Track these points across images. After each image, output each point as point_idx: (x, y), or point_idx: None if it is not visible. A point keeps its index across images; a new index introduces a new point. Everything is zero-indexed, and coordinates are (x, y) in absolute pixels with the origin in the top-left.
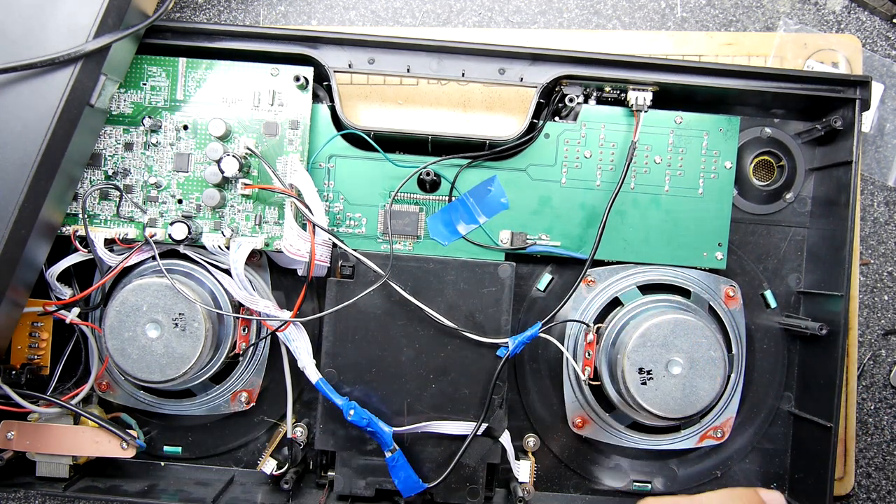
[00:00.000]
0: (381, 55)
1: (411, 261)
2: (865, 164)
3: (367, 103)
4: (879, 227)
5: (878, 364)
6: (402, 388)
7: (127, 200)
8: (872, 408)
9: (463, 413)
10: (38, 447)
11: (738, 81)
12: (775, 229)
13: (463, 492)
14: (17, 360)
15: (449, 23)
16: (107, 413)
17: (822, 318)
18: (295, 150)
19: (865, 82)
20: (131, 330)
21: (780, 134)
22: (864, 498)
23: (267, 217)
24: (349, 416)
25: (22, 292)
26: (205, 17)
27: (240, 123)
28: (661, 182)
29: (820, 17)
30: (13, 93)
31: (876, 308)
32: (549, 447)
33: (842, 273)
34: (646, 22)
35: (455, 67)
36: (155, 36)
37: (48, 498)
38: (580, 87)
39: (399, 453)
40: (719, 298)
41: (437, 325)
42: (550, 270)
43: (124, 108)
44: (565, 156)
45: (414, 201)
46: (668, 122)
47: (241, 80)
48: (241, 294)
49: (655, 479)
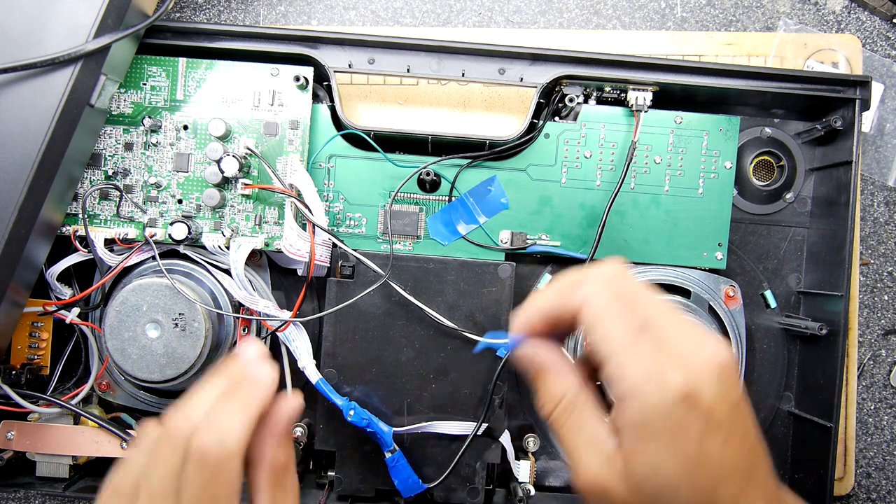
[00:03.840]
0: (381, 55)
1: (411, 261)
2: (865, 164)
3: (367, 103)
4: (879, 227)
5: (878, 364)
6: (402, 388)
7: (127, 200)
8: (872, 408)
9: (463, 413)
10: (38, 447)
11: (738, 81)
12: (775, 229)
13: (463, 492)
14: (17, 360)
15: (449, 23)
16: (107, 413)
17: (822, 318)
18: (295, 150)
19: (865, 82)
20: (131, 330)
21: (780, 134)
22: (864, 498)
23: (267, 217)
24: (349, 416)
25: (22, 292)
26: (205, 17)
27: (240, 123)
28: (661, 182)
29: (820, 17)
30: (13, 93)
31: (876, 308)
32: (550, 447)
33: (842, 273)
34: (646, 22)
35: (455, 67)
36: (155, 36)
37: (48, 498)
38: (580, 87)
39: (399, 453)
40: (719, 298)
41: (437, 325)
42: (550, 270)
43: (124, 108)
44: (565, 156)
45: (414, 201)
46: (668, 122)
47: (241, 80)
48: (241, 294)
49: None
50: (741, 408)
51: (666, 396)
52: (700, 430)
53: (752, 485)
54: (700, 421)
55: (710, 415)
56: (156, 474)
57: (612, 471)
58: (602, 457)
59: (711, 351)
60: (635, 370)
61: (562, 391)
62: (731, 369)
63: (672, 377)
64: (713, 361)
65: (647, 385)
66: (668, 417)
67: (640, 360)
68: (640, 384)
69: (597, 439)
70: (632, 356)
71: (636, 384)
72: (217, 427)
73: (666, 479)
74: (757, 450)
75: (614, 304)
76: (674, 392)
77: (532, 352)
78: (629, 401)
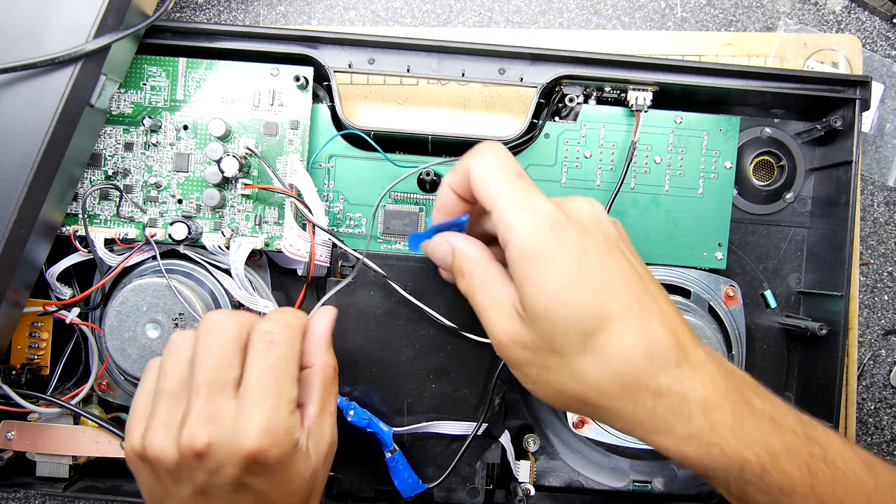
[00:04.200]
0: (381, 55)
1: (411, 261)
2: (865, 164)
3: (366, 103)
4: (879, 227)
5: (878, 364)
6: (402, 388)
7: (127, 200)
8: (872, 408)
9: (463, 413)
10: (38, 447)
11: (738, 81)
12: (775, 229)
13: (463, 492)
14: (17, 360)
15: (449, 23)
16: (107, 413)
17: (822, 318)
18: (295, 150)
19: (865, 82)
20: (131, 330)
21: (780, 134)
22: None
23: (267, 217)
24: (349, 416)
25: (22, 292)
26: (205, 17)
27: (240, 123)
28: (661, 182)
29: (820, 17)
30: (13, 93)
31: (876, 308)
32: (550, 447)
33: (842, 273)
34: (646, 22)
35: (455, 67)
36: (155, 36)
37: (48, 498)
38: (580, 87)
39: (399, 454)
40: (719, 298)
41: (437, 325)
42: None
43: (124, 108)
44: (565, 156)
45: (414, 201)
46: (668, 122)
47: (241, 80)
48: (241, 294)
49: (655, 479)
50: (619, 240)
51: (541, 221)
52: (577, 247)
53: (643, 307)
54: (575, 240)
55: (585, 234)
56: (216, 347)
57: (517, 319)
58: (509, 310)
59: (580, 197)
60: (513, 205)
61: (472, 265)
62: (600, 211)
63: (545, 206)
64: (582, 199)
65: (523, 214)
66: (544, 240)
67: (517, 197)
68: (518, 215)
69: (504, 298)
70: (510, 197)
71: (514, 217)
72: (280, 317)
73: (552, 298)
74: (646, 282)
75: (495, 163)
76: (547, 216)
77: (446, 238)
78: (512, 234)
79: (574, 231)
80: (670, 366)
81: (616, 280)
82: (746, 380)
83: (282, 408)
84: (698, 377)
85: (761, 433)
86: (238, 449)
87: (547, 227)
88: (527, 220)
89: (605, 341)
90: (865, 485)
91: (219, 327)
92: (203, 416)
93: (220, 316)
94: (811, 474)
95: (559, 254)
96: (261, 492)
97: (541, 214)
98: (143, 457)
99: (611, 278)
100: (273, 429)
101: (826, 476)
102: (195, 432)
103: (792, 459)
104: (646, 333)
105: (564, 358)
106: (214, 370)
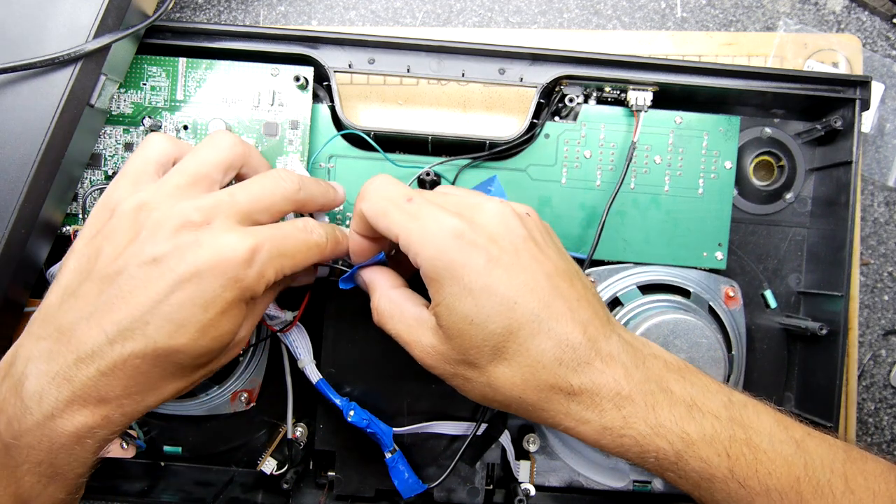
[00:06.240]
0: (381, 55)
1: None
2: (865, 164)
3: (367, 103)
4: (879, 227)
5: (878, 364)
6: (402, 388)
7: None
8: (872, 408)
9: (463, 413)
10: None
11: (738, 81)
12: (775, 229)
13: (463, 492)
14: None
15: (449, 23)
16: None
17: (822, 318)
18: (295, 150)
19: (865, 82)
20: None
21: (780, 134)
22: None
23: None
24: (349, 416)
25: (22, 292)
26: (205, 17)
27: (240, 123)
28: (661, 182)
29: (820, 17)
30: (13, 93)
31: (876, 308)
32: (550, 447)
33: (842, 273)
34: (646, 22)
35: (455, 67)
36: (155, 36)
37: None
38: (580, 87)
39: (399, 454)
40: (719, 298)
41: None
42: None
43: (124, 108)
44: (565, 156)
45: None
46: (668, 122)
47: (241, 80)
48: None
49: (655, 479)
50: (527, 240)
51: (442, 240)
52: (482, 262)
53: (550, 311)
54: (481, 254)
55: (492, 244)
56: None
57: (436, 337)
58: (427, 329)
59: (482, 200)
60: (411, 231)
61: (382, 295)
62: (508, 213)
63: (444, 221)
64: (491, 202)
65: (423, 238)
66: (448, 261)
67: (412, 222)
68: (418, 240)
69: (420, 318)
70: (406, 223)
71: (416, 243)
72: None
73: (461, 318)
74: (556, 280)
75: (381, 196)
76: (448, 232)
77: (362, 274)
78: (419, 260)
79: (480, 243)
80: (580, 365)
81: (522, 289)
82: (671, 365)
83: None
84: (609, 371)
85: (675, 421)
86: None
87: (450, 246)
88: (428, 244)
89: (514, 351)
90: (793, 465)
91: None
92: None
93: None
94: (730, 458)
95: (465, 272)
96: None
97: (442, 232)
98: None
99: (517, 288)
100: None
101: (748, 460)
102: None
103: (709, 445)
104: (553, 338)
105: (481, 369)
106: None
